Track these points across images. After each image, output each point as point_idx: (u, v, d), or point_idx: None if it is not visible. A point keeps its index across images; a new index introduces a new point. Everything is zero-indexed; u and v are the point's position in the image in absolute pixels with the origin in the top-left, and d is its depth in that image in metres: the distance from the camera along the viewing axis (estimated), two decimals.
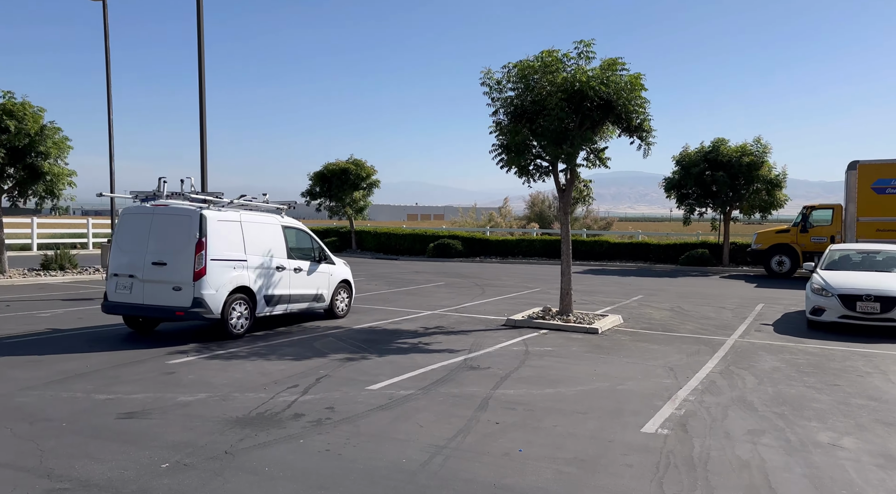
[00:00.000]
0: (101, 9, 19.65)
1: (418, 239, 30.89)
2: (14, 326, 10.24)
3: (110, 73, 19.82)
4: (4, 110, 15.84)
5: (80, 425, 5.51)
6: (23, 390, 6.52)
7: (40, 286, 15.98)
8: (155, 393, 6.58)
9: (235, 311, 9.63)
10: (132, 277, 9.34)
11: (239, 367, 7.86)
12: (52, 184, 16.84)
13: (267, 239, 10.43)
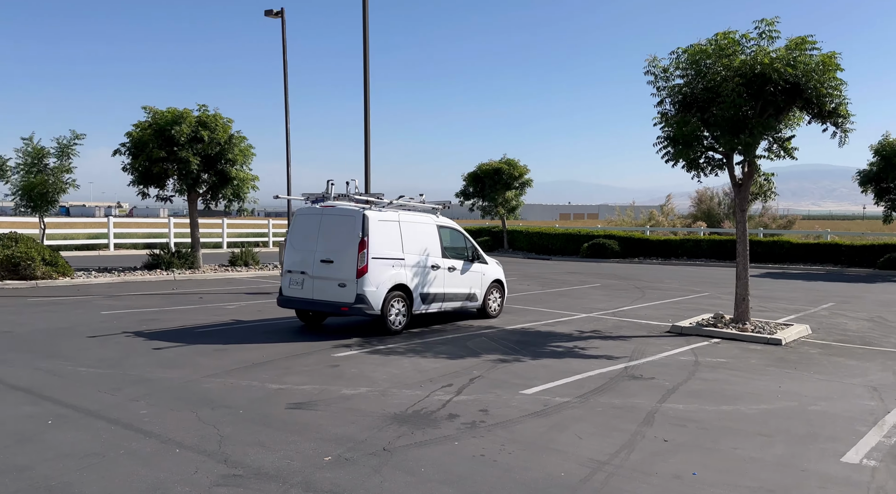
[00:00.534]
0: (280, 24, 21.40)
1: (571, 238, 30.12)
2: (205, 317, 11.37)
3: (287, 84, 21.50)
4: (200, 122, 17.78)
5: (255, 413, 5.88)
6: (208, 377, 7.15)
7: (228, 280, 17.73)
8: (320, 385, 6.88)
9: (394, 308, 9.89)
10: (303, 274, 9.95)
11: (396, 363, 8.03)
12: (239, 188, 18.63)
13: (423, 238, 10.62)
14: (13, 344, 8.53)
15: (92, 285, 15.53)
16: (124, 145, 17.85)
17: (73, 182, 18.12)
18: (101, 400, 6.11)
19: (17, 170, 17.30)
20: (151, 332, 9.63)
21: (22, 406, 5.81)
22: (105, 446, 4.91)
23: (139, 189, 18.29)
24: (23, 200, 17.43)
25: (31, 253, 15.21)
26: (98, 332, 9.51)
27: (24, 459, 4.58)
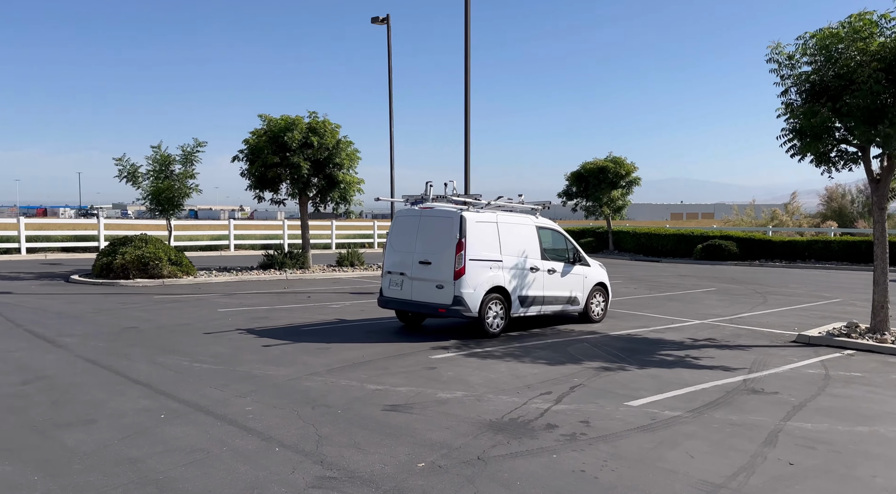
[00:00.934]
0: (386, 30, 21.88)
1: (683, 239, 28.59)
2: (312, 315, 11.75)
3: (392, 88, 21.94)
4: (311, 128, 18.50)
5: (353, 414, 5.92)
6: (310, 375, 7.31)
7: (334, 280, 18.31)
8: (417, 388, 6.84)
9: (491, 311, 9.72)
10: (402, 275, 10.01)
11: (493, 367, 7.85)
12: (345, 191, 19.21)
13: (521, 239, 10.37)
14: (138, 339, 9.19)
15: (212, 284, 16.55)
16: (242, 152, 18.91)
17: (195, 187, 19.41)
18: (211, 395, 6.39)
19: (148, 176, 18.78)
20: (261, 330, 10.05)
21: (140, 400, 6.18)
22: (210, 442, 5.10)
23: (255, 193, 19.30)
24: (152, 204, 18.89)
25: (159, 254, 16.44)
26: (213, 329, 10.05)
27: (137, 452, 4.83)
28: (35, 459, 4.60)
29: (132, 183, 18.71)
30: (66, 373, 7.08)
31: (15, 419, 5.45)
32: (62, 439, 5.02)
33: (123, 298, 13.48)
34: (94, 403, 5.99)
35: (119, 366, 7.46)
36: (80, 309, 11.74)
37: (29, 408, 5.76)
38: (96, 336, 9.28)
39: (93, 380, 6.82)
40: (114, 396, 6.25)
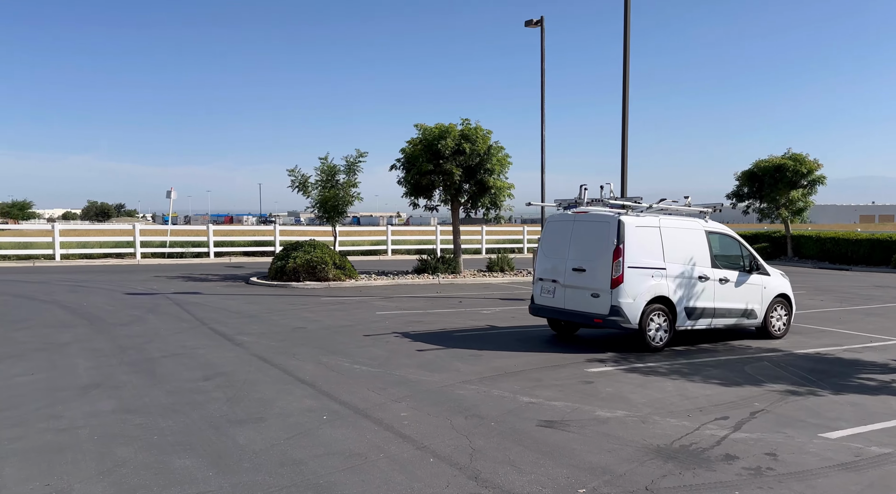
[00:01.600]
0: (539, 34, 21.61)
1: (878, 245, 25.09)
2: (463, 321, 11.75)
3: (544, 92, 21.59)
4: (463, 135, 18.71)
5: (506, 427, 5.70)
6: (463, 383, 7.22)
7: (484, 285, 18.31)
8: (573, 403, 6.46)
9: (653, 322, 9.04)
10: (555, 282, 9.64)
11: (658, 385, 7.23)
12: (496, 196, 19.16)
13: (688, 245, 9.54)
14: (304, 339, 9.71)
15: (371, 287, 17.28)
16: (399, 160, 19.59)
17: (358, 195, 20.44)
18: (369, 398, 6.50)
19: (316, 185, 20.09)
20: (415, 334, 10.20)
21: (305, 400, 6.45)
22: (368, 447, 5.13)
23: (410, 200, 19.90)
24: (319, 212, 20.18)
25: (325, 258, 17.48)
26: (372, 332, 10.37)
27: (300, 453, 4.98)
28: (210, 454, 4.91)
29: (303, 192, 20.12)
30: (242, 371, 7.61)
31: (196, 414, 5.90)
32: (235, 436, 5.33)
33: (294, 299, 14.45)
34: (264, 401, 6.34)
35: (288, 366, 7.89)
36: (255, 309, 12.74)
37: (208, 404, 6.22)
38: (269, 335, 9.96)
39: (264, 378, 7.26)
40: (282, 395, 6.57)
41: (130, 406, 6.07)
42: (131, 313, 11.88)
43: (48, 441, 5.03)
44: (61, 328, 10.22)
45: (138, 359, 8.07)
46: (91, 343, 9.07)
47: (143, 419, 5.68)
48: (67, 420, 5.58)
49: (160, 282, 17.23)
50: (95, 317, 11.30)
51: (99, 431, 5.32)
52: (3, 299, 13.30)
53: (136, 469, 4.56)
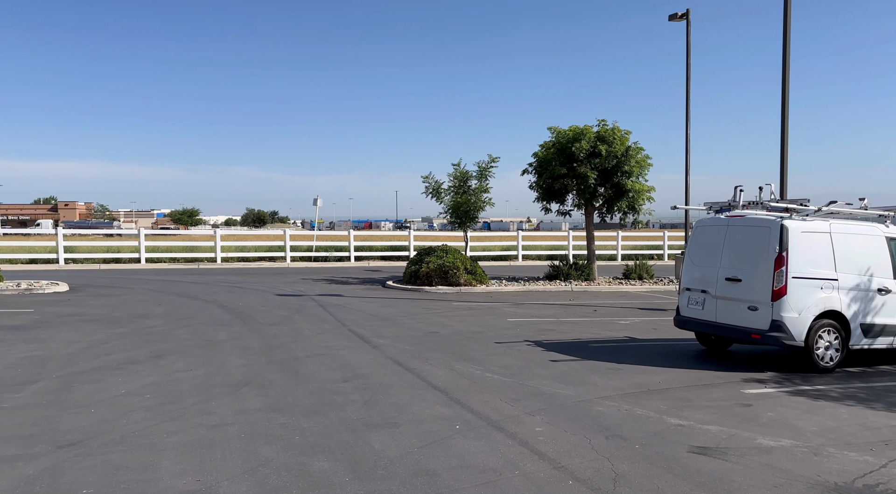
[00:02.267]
0: (685, 27, 20.37)
1: None
2: (598, 331, 11.22)
3: (689, 89, 20.29)
4: (599, 137, 18.03)
5: (652, 451, 5.23)
6: (601, 399, 6.79)
7: (621, 293, 17.47)
8: (730, 428, 5.83)
9: (822, 340, 8.03)
10: (704, 293, 8.89)
11: (830, 412, 6.36)
12: (634, 199, 18.25)
13: (865, 253, 8.40)
14: (436, 344, 9.72)
15: (502, 292, 17.11)
16: (531, 165, 19.29)
17: (489, 200, 20.43)
18: (502, 409, 6.30)
19: (448, 191, 20.33)
20: (549, 343, 9.86)
21: (438, 407, 6.37)
22: (502, 462, 4.92)
23: (542, 205, 19.51)
24: (451, 217, 20.39)
25: (457, 263, 17.58)
26: (503, 339, 10.18)
27: (434, 463, 4.87)
28: (347, 458, 4.94)
29: (435, 198, 20.46)
30: (378, 374, 7.72)
31: (334, 415, 6.02)
32: (370, 441, 5.34)
33: (426, 303, 14.64)
34: (398, 406, 6.34)
35: (421, 370, 7.90)
36: (391, 313, 13.03)
37: (346, 406, 6.33)
38: (403, 338, 10.09)
39: (398, 382, 7.30)
40: (415, 400, 6.55)
41: (275, 404, 6.32)
42: (280, 313, 12.61)
43: (201, 437, 5.32)
44: (218, 326, 11.03)
45: (284, 358, 8.46)
46: (243, 341, 9.68)
47: (286, 418, 5.87)
48: (219, 416, 5.91)
49: (306, 285, 18.22)
50: (248, 317, 12.10)
51: (246, 429, 5.56)
52: (171, 299, 14.68)
53: (278, 469, 4.68)
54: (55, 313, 12.07)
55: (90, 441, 5.12)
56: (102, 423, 5.57)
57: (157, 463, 4.70)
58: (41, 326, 10.57)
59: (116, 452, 4.89)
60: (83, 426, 5.47)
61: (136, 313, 12.32)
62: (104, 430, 5.38)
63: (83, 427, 5.45)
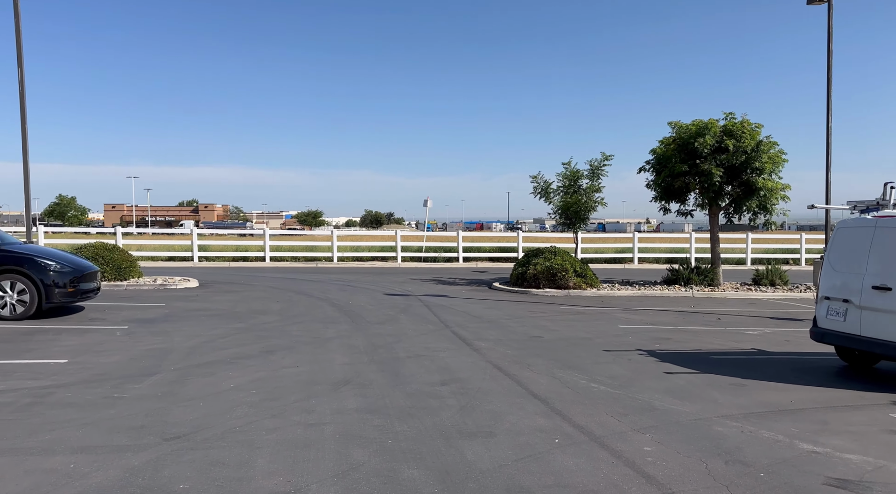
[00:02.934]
0: (826, 10, 18.49)
1: None
2: (721, 341, 10.31)
3: (831, 77, 18.38)
4: (725, 131, 16.74)
5: (780, 480, 4.60)
6: (721, 418, 6.14)
7: (750, 301, 16.09)
8: (875, 458, 5.04)
9: None
10: (846, 302, 7.86)
11: None
12: (766, 199, 16.77)
13: None
14: (540, 349, 9.34)
15: (614, 297, 16.33)
16: (648, 162, 18.28)
17: (601, 200, 19.63)
18: (607, 424, 5.85)
19: (558, 191, 19.76)
20: (664, 353, 9.18)
21: (537, 417, 6.03)
22: (604, 484, 4.51)
23: (660, 205, 18.43)
24: (561, 218, 19.80)
25: (566, 266, 17.01)
26: (613, 347, 9.61)
27: (528, 480, 4.56)
28: (438, 467, 4.75)
29: (544, 198, 19.97)
30: (476, 378, 7.49)
31: (429, 420, 5.86)
32: (463, 450, 5.12)
33: (532, 307, 14.25)
34: (495, 414, 6.08)
35: (521, 377, 7.58)
36: (495, 315, 12.78)
37: (441, 411, 6.16)
38: (505, 342, 9.81)
39: (497, 389, 7.03)
40: (513, 409, 6.26)
41: (372, 405, 6.27)
42: (386, 313, 12.75)
43: (297, 436, 5.35)
44: (328, 324, 11.31)
45: (386, 358, 8.47)
46: (349, 339, 9.84)
47: (381, 421, 5.80)
48: (317, 415, 5.94)
49: (414, 285, 18.42)
50: (357, 315, 12.34)
51: (341, 429, 5.54)
52: (288, 296, 15.32)
53: (368, 474, 4.57)
54: (183, 308, 12.95)
55: (194, 435, 5.30)
56: (208, 417, 5.76)
57: (252, 461, 4.76)
58: (169, 320, 11.34)
59: (216, 448, 5.01)
60: (190, 419, 5.69)
61: (255, 309, 12.94)
62: (208, 424, 5.56)
63: (190, 420, 5.67)
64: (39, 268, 10.77)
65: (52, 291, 10.81)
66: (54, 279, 10.86)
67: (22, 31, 16.28)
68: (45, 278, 10.75)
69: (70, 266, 11.30)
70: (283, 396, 6.55)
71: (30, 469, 4.46)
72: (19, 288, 10.61)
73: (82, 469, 4.50)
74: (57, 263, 11.08)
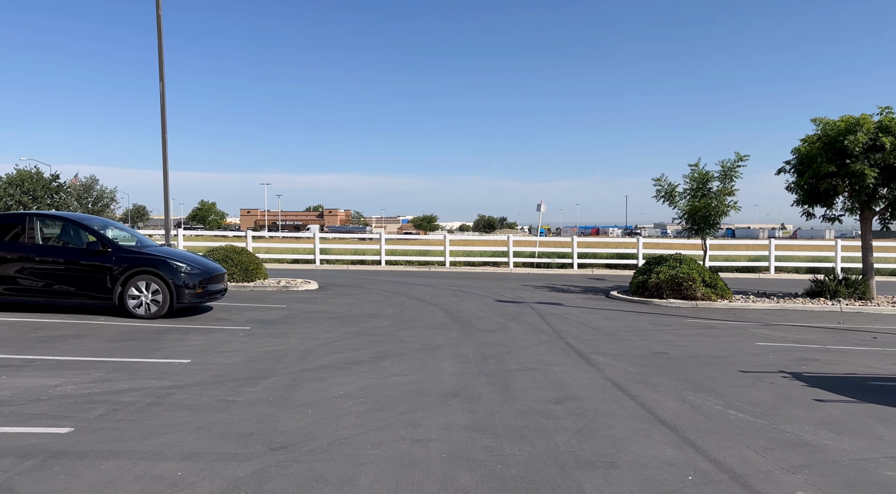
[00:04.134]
0: None
1: None
2: (881, 364, 8.97)
3: None
4: (881, 127, 14.84)
5: None
6: (890, 459, 5.16)
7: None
8: None
9: None
10: None
11: None
12: None
13: None
14: (666, 367, 8.54)
15: (748, 310, 14.92)
16: (789, 163, 16.61)
17: (734, 204, 18.13)
18: (749, 460, 5.10)
19: (684, 194, 18.47)
20: (811, 376, 8.09)
21: (665, 448, 5.38)
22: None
23: (803, 209, 16.66)
24: (688, 223, 18.47)
25: (693, 274, 15.78)
26: (750, 367, 8.62)
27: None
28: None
29: (669, 202, 18.76)
30: (594, 397, 6.91)
31: (542, 444, 5.39)
32: (581, 482, 4.62)
33: (655, 318, 13.29)
34: (616, 441, 5.51)
35: (645, 399, 6.91)
36: (613, 326, 12.01)
37: (556, 433, 5.67)
38: (626, 357, 9.10)
39: (618, 411, 6.42)
40: (638, 436, 5.64)
41: (481, 423, 5.91)
42: (497, 320, 12.38)
43: (402, 453, 5.09)
44: (438, 330, 11.12)
45: (496, 370, 8.09)
46: (459, 348, 9.55)
47: (490, 441, 5.42)
48: (424, 430, 5.66)
49: (526, 291, 17.91)
50: (467, 322, 12.07)
51: (448, 448, 5.21)
52: (400, 300, 15.37)
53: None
54: (302, 309, 13.30)
55: (300, 445, 5.19)
56: (315, 426, 5.65)
57: (354, 479, 4.54)
58: (288, 321, 11.64)
59: (321, 461, 4.85)
60: (297, 428, 5.61)
61: (369, 313, 13.04)
62: (315, 434, 5.44)
63: (297, 429, 5.58)
64: (172, 270, 11.42)
65: (183, 292, 11.42)
66: (185, 280, 11.47)
67: (164, 49, 17.60)
68: (176, 279, 11.37)
69: (199, 268, 11.91)
70: (390, 406, 6.35)
71: (140, 475, 4.51)
72: (153, 288, 11.30)
73: (189, 477, 4.48)
74: (187, 265, 11.71)
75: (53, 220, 11.93)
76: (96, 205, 48.13)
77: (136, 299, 11.29)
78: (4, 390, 6.36)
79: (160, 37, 17.52)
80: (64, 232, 11.80)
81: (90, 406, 5.94)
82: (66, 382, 6.78)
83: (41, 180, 43.72)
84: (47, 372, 7.20)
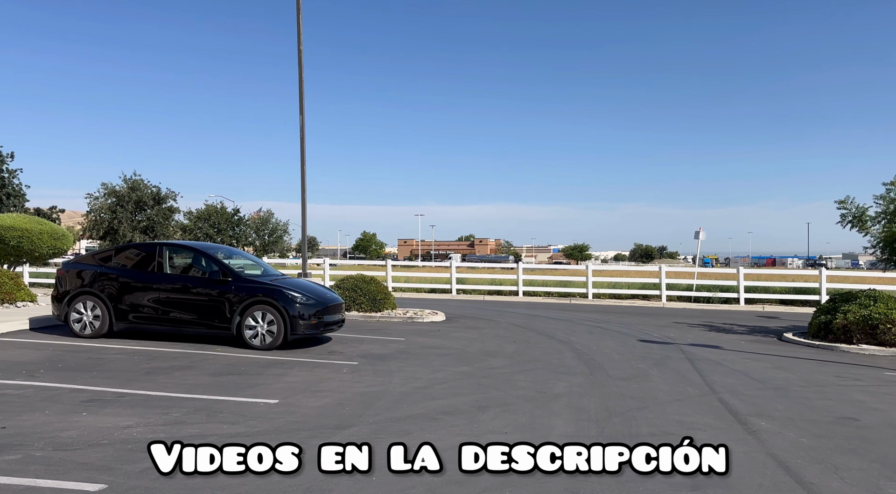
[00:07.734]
0: None
1: None
2: None
3: None
4: None
5: None
6: None
7: None
8: None
9: None
10: None
11: None
12: None
13: None
14: (854, 440, 6.42)
15: None
16: None
17: None
18: None
19: (878, 219, 15.29)
20: None
21: None
22: None
23: None
24: (883, 253, 15.24)
25: (892, 315, 12.78)
26: None
27: None
28: None
29: (858, 228, 15.66)
30: (749, 481, 5.18)
31: None
32: None
33: (842, 369, 10.73)
34: None
35: (823, 489, 5.05)
36: (785, 379, 9.77)
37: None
38: (799, 423, 7.08)
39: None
40: None
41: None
42: (636, 365, 10.65)
43: None
44: (561, 375, 9.70)
45: (621, 434, 6.55)
46: (580, 399, 8.10)
47: None
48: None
49: (677, 330, 15.73)
50: (598, 366, 10.50)
51: None
52: (527, 336, 14.05)
53: None
54: (418, 344, 12.50)
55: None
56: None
57: None
58: (399, 357, 10.86)
59: None
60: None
61: (488, 350, 11.92)
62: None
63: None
64: (287, 300, 11.17)
65: (297, 323, 11.11)
66: (300, 311, 11.16)
67: (305, 83, 18.15)
68: (291, 309, 11.10)
69: (315, 298, 11.58)
70: (473, 481, 5.15)
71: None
72: (269, 318, 11.10)
73: None
74: (303, 295, 11.42)
75: (181, 250, 12.29)
76: (272, 236, 52.33)
77: (253, 329, 11.16)
78: (73, 430, 6.08)
79: (301, 71, 18.10)
80: (192, 261, 12.08)
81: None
82: (139, 423, 6.40)
83: (224, 214, 48.42)
84: (129, 409, 6.93)
